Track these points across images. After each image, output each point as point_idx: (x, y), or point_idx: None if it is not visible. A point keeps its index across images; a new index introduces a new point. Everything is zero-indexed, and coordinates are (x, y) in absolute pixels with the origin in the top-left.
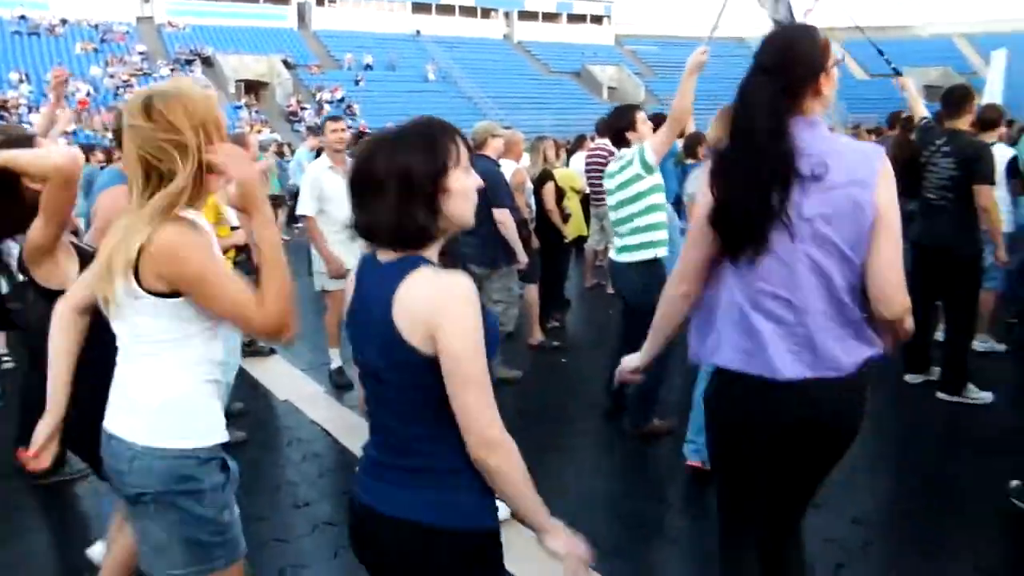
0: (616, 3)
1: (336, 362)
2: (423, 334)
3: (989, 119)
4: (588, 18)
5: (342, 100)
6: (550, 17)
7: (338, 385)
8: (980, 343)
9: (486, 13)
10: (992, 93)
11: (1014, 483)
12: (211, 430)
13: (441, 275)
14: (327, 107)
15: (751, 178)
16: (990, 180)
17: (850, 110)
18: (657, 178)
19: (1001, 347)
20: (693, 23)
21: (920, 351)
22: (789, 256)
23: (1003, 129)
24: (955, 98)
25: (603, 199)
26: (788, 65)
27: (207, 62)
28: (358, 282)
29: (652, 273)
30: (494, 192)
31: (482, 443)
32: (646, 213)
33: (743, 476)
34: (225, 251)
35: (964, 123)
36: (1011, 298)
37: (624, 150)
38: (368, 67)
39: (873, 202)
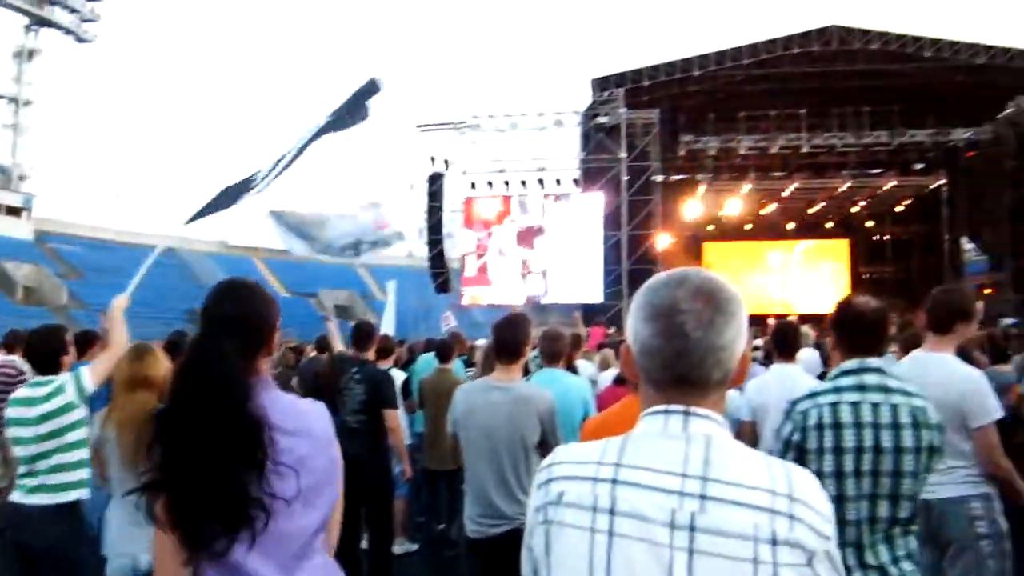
0: (37, 196)
1: None
2: None
3: (386, 348)
4: (4, 209)
5: None
6: None
7: None
8: (398, 546)
9: None
10: (388, 316)
11: None
12: None
13: None
14: None
15: (217, 457)
16: (394, 404)
17: None
18: (85, 410)
19: (415, 546)
20: (123, 226)
21: (350, 557)
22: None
23: (400, 351)
24: (363, 333)
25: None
26: (245, 322)
27: None
28: None
29: (74, 517)
30: None
31: None
32: (73, 448)
33: None
34: None
35: (372, 354)
36: (414, 501)
37: (54, 376)
38: None
39: (336, 458)
